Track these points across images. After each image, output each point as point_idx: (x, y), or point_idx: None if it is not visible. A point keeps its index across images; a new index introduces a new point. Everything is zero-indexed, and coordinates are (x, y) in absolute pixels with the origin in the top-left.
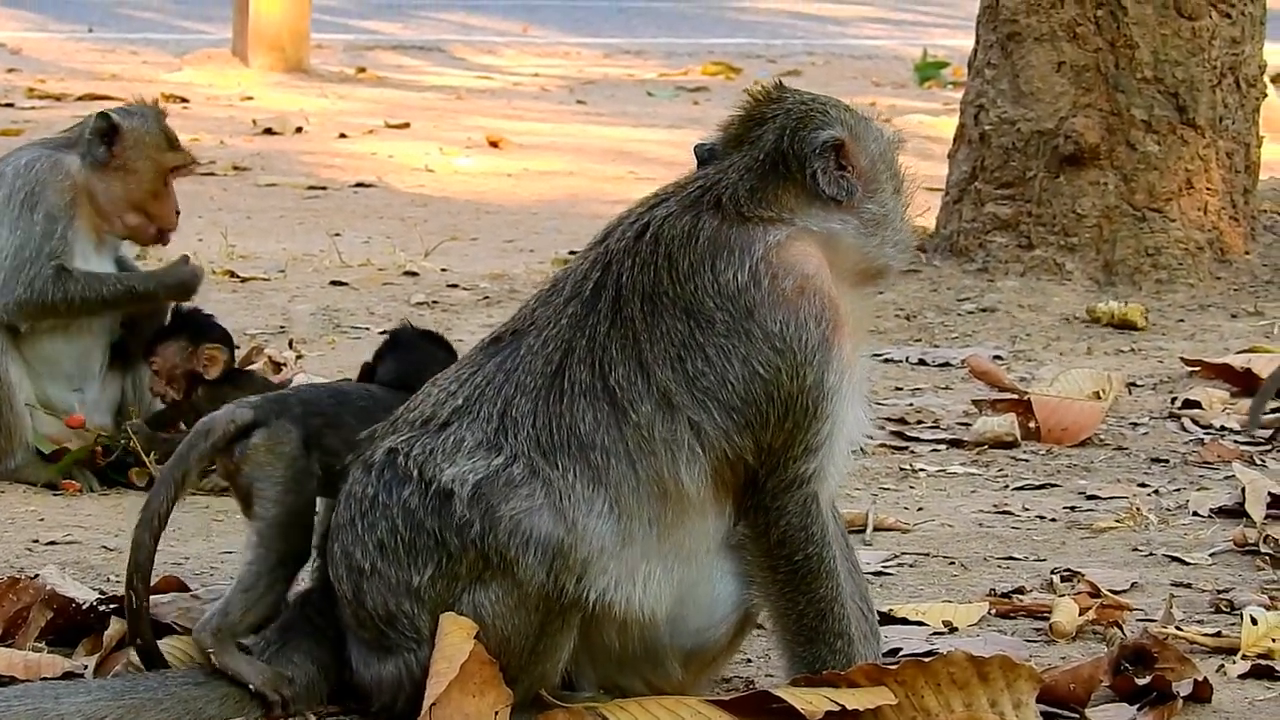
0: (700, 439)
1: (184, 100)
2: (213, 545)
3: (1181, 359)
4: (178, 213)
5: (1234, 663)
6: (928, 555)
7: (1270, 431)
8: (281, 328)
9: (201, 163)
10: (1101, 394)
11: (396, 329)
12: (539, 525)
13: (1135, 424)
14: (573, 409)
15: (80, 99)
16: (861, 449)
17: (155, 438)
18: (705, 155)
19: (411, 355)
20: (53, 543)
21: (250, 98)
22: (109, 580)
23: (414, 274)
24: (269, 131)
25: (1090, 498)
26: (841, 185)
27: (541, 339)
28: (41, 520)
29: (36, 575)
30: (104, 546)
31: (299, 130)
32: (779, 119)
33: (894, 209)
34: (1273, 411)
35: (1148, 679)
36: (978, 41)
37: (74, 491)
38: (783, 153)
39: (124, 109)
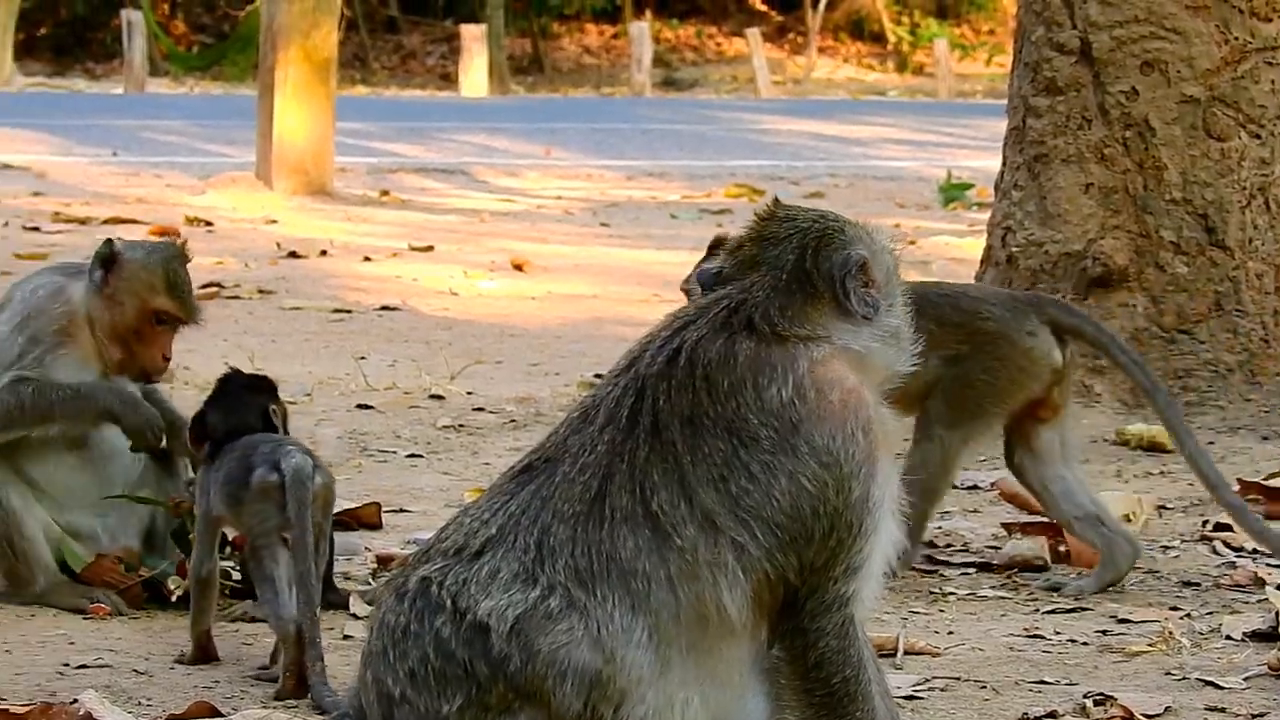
0: (743, 560)
1: (208, 223)
2: (242, 668)
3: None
4: (166, 359)
5: None
6: (959, 679)
7: None
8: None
9: (226, 286)
10: (1132, 517)
11: (228, 378)
12: (576, 657)
13: (1166, 547)
14: (613, 536)
15: (105, 222)
16: (891, 571)
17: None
18: (710, 280)
19: (240, 406)
20: (84, 666)
21: (274, 221)
22: (140, 704)
23: (440, 397)
24: (293, 255)
25: (1122, 621)
26: (869, 302)
27: (578, 466)
28: (72, 644)
29: (74, 700)
30: (135, 670)
31: (323, 253)
32: (795, 239)
33: (904, 320)
34: None
35: None
36: (1005, 163)
37: (103, 615)
38: (806, 272)
39: (140, 241)
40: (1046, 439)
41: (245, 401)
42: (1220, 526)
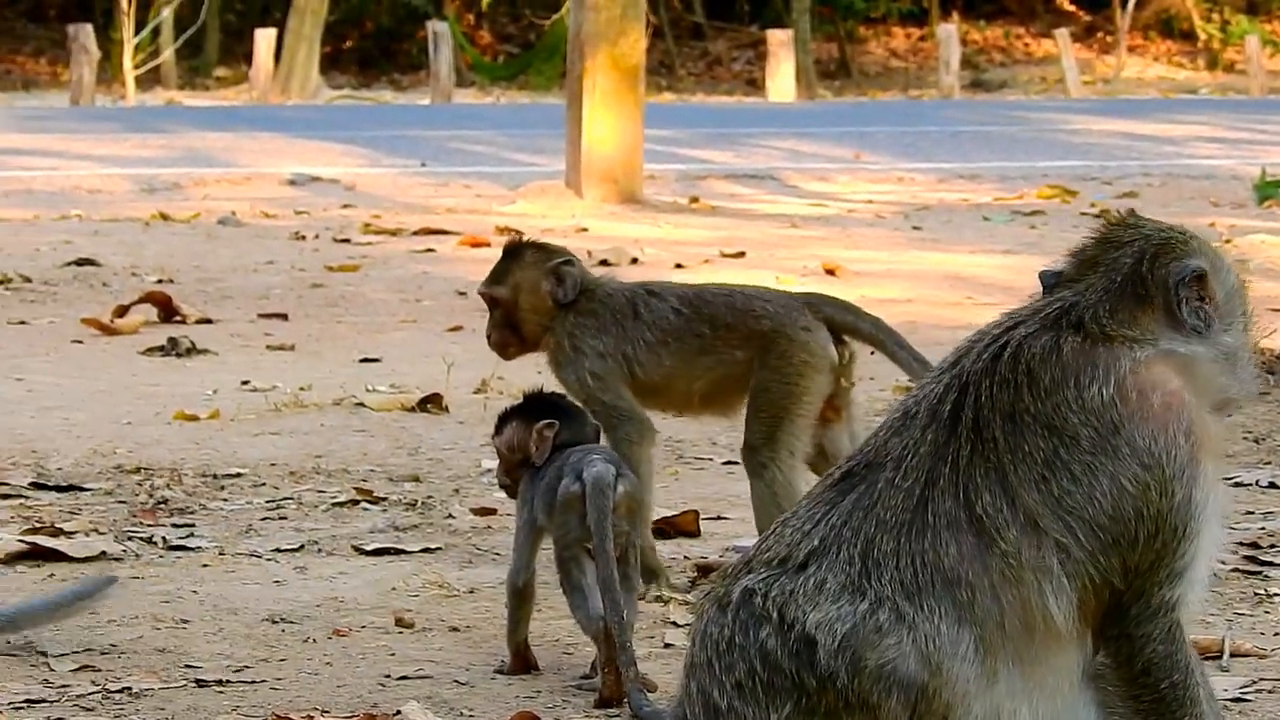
0: (1066, 563)
1: (518, 232)
2: (563, 678)
3: None
4: None
5: None
6: None
7: None
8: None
9: None
10: None
11: (555, 398)
12: (903, 671)
13: None
14: (937, 544)
15: (416, 233)
16: (1215, 574)
17: None
18: (1051, 281)
19: (578, 421)
20: (405, 678)
21: (585, 229)
22: (463, 715)
23: None
24: (604, 263)
25: None
26: (1201, 317)
27: (901, 470)
28: (392, 655)
29: (397, 713)
30: (456, 681)
31: (634, 261)
32: (1137, 244)
33: (1244, 344)
34: None
35: None
36: None
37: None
38: (1141, 277)
39: None
40: (836, 440)
41: (585, 415)
42: None
